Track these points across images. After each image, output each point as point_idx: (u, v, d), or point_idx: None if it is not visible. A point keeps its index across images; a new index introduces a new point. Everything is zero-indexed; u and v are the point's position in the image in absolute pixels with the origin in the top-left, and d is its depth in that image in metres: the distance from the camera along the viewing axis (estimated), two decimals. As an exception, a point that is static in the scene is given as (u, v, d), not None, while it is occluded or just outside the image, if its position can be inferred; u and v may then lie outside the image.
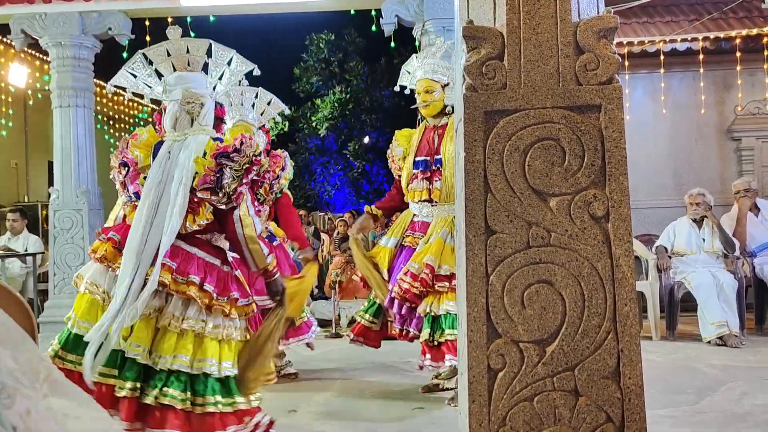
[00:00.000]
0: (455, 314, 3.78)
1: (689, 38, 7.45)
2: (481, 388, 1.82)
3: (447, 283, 3.80)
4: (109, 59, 7.49)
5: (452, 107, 4.08)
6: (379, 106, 17.80)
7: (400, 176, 4.29)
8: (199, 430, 2.67)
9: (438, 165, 4.04)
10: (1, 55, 9.53)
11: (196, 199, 2.79)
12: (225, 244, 2.91)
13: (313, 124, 17.79)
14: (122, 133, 13.69)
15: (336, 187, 18.63)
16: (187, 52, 2.98)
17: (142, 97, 3.20)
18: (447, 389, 4.12)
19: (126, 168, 2.89)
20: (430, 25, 6.50)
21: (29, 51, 9.33)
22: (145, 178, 2.83)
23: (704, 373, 4.62)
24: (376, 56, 17.04)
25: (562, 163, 1.85)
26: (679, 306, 6.09)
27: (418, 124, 6.52)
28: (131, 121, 13.95)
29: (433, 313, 3.83)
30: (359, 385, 4.53)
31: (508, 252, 1.84)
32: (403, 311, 3.96)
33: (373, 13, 7.04)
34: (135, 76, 3.04)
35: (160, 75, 3.05)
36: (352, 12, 7.50)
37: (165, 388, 2.64)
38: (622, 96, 1.85)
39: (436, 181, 4.03)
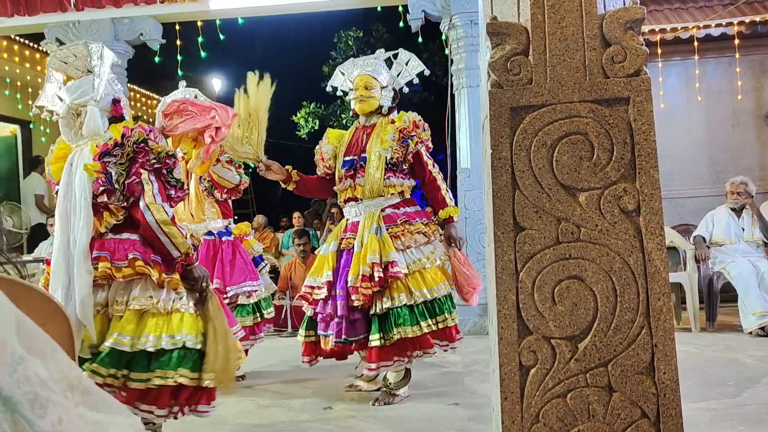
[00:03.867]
0: (406, 308, 3.81)
1: (724, 23, 7.30)
2: (513, 385, 1.82)
3: (395, 269, 3.83)
4: (141, 64, 7.63)
5: (387, 108, 4.17)
6: (408, 101, 17.73)
7: (326, 173, 4.35)
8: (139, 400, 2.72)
9: (363, 162, 4.08)
10: (37, 63, 9.74)
11: (101, 206, 2.78)
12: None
13: (343, 121, 17.82)
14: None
15: (367, 183, 18.60)
16: (76, 57, 2.96)
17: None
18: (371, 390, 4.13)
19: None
20: (458, 19, 6.47)
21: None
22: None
23: (745, 364, 4.54)
24: (404, 52, 16.99)
25: (591, 158, 1.83)
26: (718, 296, 5.98)
27: (448, 120, 6.51)
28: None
29: (379, 312, 3.86)
30: (394, 382, 4.54)
31: (537, 248, 1.83)
32: (355, 316, 3.95)
33: (400, 8, 7.03)
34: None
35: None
36: (379, 9, 7.49)
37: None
38: (650, 88, 1.82)
39: (359, 177, 4.06)
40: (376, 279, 3.81)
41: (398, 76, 4.29)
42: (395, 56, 4.35)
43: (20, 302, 1.48)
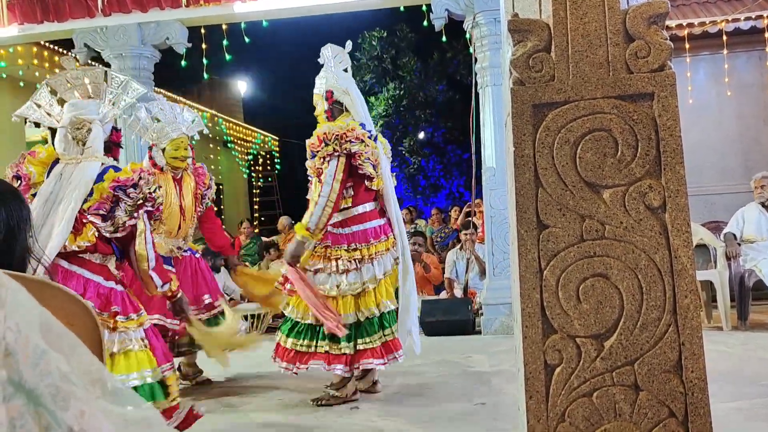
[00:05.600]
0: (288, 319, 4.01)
1: (753, 16, 7.17)
2: (538, 384, 1.81)
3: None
4: (167, 67, 7.72)
5: (329, 114, 4.13)
6: (433, 101, 17.71)
7: None
8: None
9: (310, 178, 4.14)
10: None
11: (84, 220, 2.87)
12: (112, 265, 3.03)
13: (369, 121, 17.84)
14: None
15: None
16: (88, 80, 3.05)
17: (39, 125, 3.29)
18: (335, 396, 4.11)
19: (18, 181, 2.98)
20: (481, 17, 6.43)
21: (92, 63, 9.69)
22: (34, 195, 2.92)
23: (778, 364, 4.45)
24: (429, 51, 16.98)
25: (615, 154, 1.81)
26: (750, 294, 5.87)
27: (472, 119, 6.49)
28: (192, 127, 14.23)
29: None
30: (420, 382, 4.54)
31: (561, 246, 1.81)
32: None
33: (423, 8, 7.01)
34: (39, 106, 3.11)
35: (62, 103, 3.14)
36: (402, 8, 7.49)
37: None
38: (675, 83, 1.79)
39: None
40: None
41: (329, 72, 4.21)
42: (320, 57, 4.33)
43: (48, 303, 1.51)
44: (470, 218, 7.72)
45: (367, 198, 4.09)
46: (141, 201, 2.88)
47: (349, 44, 4.31)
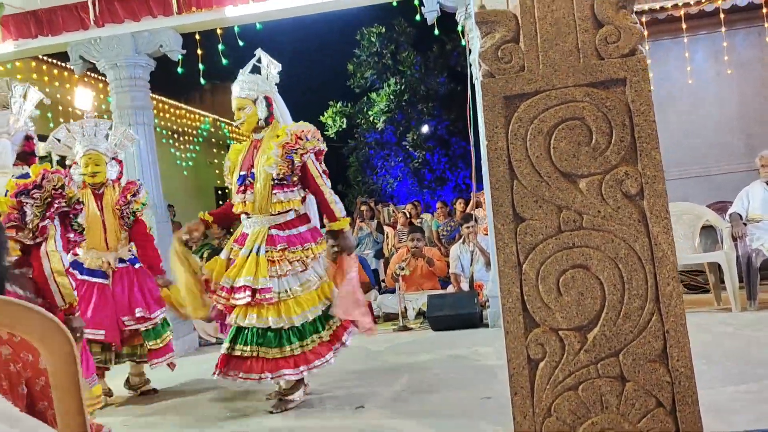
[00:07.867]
0: (256, 329, 3.89)
1: (750, -9, 7.07)
2: (522, 379, 1.78)
3: (243, 293, 3.91)
4: (163, 76, 7.72)
5: (265, 121, 4.16)
6: (434, 94, 17.68)
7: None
8: None
9: (252, 178, 4.10)
10: (66, 80, 9.94)
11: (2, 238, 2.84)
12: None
13: (371, 118, 17.83)
14: (187, 145, 14.08)
15: (398, 179, 18.60)
16: None
17: None
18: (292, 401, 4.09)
19: None
20: (473, 8, 6.38)
21: (91, 74, 9.73)
22: None
23: (788, 343, 4.39)
24: (428, 44, 16.93)
25: (589, 143, 1.78)
26: (758, 274, 5.79)
27: (469, 110, 6.45)
28: (194, 132, 14.31)
29: (237, 324, 3.95)
30: (427, 378, 4.52)
31: (539, 239, 1.79)
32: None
33: (416, 2, 6.97)
34: None
35: None
36: (394, 3, 7.44)
37: None
38: (647, 67, 1.76)
39: (249, 193, 4.09)
40: (244, 301, 3.91)
41: (267, 78, 4.26)
42: (258, 61, 4.32)
43: (24, 324, 1.49)
44: (472, 212, 7.67)
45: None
46: (49, 200, 2.84)
47: (258, 51, 4.34)
